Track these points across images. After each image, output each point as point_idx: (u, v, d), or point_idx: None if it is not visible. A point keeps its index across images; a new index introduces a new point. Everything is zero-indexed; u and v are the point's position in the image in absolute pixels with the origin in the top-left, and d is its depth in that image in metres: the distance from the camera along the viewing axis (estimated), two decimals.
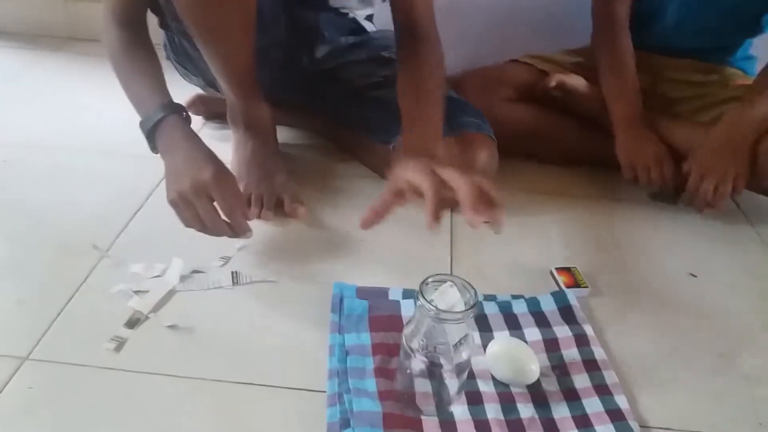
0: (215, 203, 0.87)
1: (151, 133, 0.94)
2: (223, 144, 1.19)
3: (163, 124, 0.93)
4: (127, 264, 0.92)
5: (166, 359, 0.78)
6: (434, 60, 1.05)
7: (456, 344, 0.68)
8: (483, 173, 0.99)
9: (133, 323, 0.83)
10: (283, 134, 1.25)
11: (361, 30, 1.24)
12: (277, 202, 1.06)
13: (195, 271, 0.92)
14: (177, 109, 0.95)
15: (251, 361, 0.79)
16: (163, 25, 1.07)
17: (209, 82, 1.16)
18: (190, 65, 1.16)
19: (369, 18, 1.29)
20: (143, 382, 0.75)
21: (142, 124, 0.95)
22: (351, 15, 1.25)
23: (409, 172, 0.84)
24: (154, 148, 0.96)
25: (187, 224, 0.89)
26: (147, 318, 0.84)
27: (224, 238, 0.89)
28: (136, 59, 1.00)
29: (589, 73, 1.28)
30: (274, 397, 0.74)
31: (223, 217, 0.88)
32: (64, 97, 1.45)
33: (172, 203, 0.89)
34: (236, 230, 0.89)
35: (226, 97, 1.12)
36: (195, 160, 0.89)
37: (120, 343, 0.80)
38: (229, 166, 1.10)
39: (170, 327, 0.82)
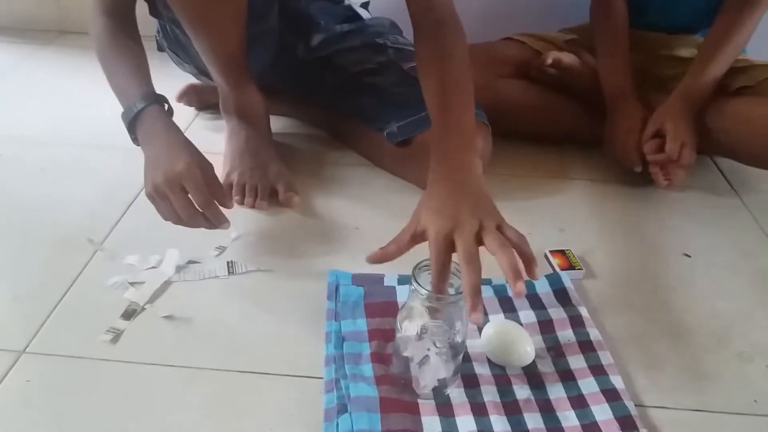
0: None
1: (132, 124, 0.93)
2: (217, 134, 1.19)
3: (143, 114, 0.91)
4: (122, 256, 0.92)
5: (162, 349, 0.78)
6: (459, 53, 0.94)
7: (450, 327, 0.68)
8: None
9: (129, 314, 0.83)
10: (277, 123, 1.25)
11: (357, 17, 1.24)
12: (271, 191, 1.06)
13: (191, 262, 0.92)
14: (158, 100, 0.94)
15: (248, 350, 0.79)
16: (153, 12, 1.06)
17: (201, 70, 1.16)
18: (182, 53, 1.15)
19: (365, 6, 1.28)
20: (140, 372, 0.76)
21: (123, 115, 0.94)
22: (346, 2, 1.24)
23: (432, 226, 0.74)
24: (134, 140, 0.95)
25: (165, 217, 0.87)
26: (143, 309, 0.84)
27: (220, 231, 0.89)
28: (121, 48, 0.99)
29: (583, 51, 1.28)
30: (271, 385, 0.75)
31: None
32: (56, 91, 1.44)
33: (149, 196, 0.87)
34: (212, 221, 0.86)
35: (218, 87, 1.12)
36: (170, 151, 0.87)
37: (116, 335, 0.80)
38: (222, 156, 1.10)
39: (166, 317, 0.83)
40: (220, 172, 1.00)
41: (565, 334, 0.81)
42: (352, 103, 1.18)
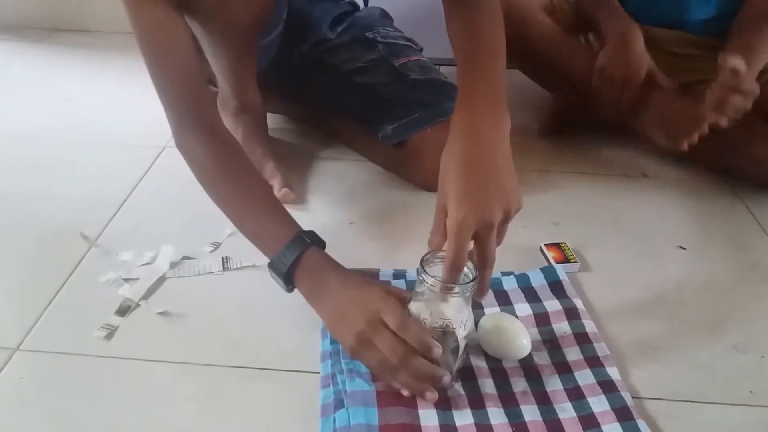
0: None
1: (289, 275, 0.77)
2: None
3: (302, 261, 0.76)
4: (116, 252, 0.92)
5: (157, 345, 0.78)
6: (492, 27, 0.82)
7: (456, 321, 0.68)
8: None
9: (123, 311, 0.82)
10: (272, 120, 1.24)
11: (352, 12, 1.23)
12: None
13: (185, 258, 0.92)
14: (312, 240, 0.78)
15: (243, 345, 0.79)
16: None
17: (206, 80, 1.14)
18: None
19: None
20: (135, 368, 0.75)
21: (273, 266, 0.78)
22: None
23: (455, 214, 0.69)
24: (290, 289, 0.79)
25: (377, 369, 0.71)
26: (138, 305, 0.84)
27: (215, 227, 0.87)
28: (241, 179, 0.83)
29: None
30: (267, 380, 0.75)
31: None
32: (49, 88, 1.44)
33: (353, 352, 0.71)
34: (428, 354, 0.68)
35: (221, 88, 1.11)
36: (356, 293, 0.74)
37: (111, 331, 0.79)
38: None
39: (161, 313, 0.82)
40: None
41: (561, 327, 0.81)
42: (344, 103, 1.17)
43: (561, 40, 1.24)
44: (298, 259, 0.76)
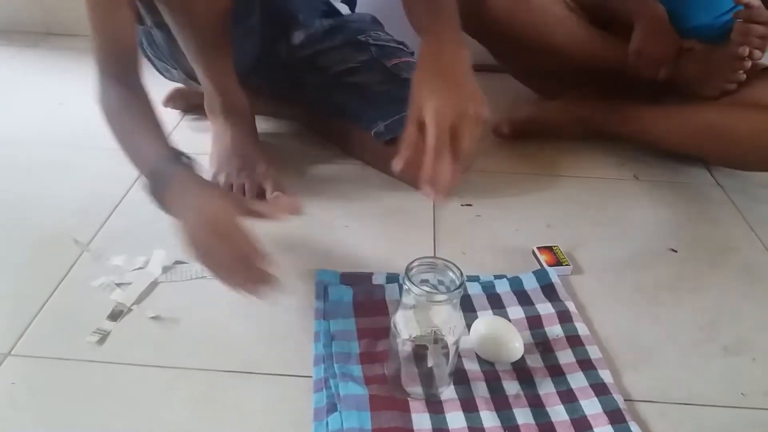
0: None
1: (159, 191, 0.82)
2: (203, 135, 1.18)
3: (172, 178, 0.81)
4: (108, 257, 0.92)
5: (149, 350, 0.78)
6: None
7: (445, 327, 0.68)
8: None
9: (116, 315, 0.82)
10: (262, 123, 1.24)
11: (335, 12, 1.23)
12: (259, 191, 1.05)
13: (177, 262, 0.92)
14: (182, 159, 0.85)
15: (236, 349, 0.79)
16: (136, 19, 1.06)
17: (188, 74, 1.15)
18: (167, 59, 1.15)
19: (346, 1, 1.28)
20: (127, 373, 0.75)
21: (147, 182, 0.84)
22: None
23: (430, 107, 0.79)
24: (163, 207, 0.84)
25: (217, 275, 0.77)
26: (130, 310, 0.83)
27: None
28: (137, 115, 0.90)
29: None
30: (260, 385, 0.74)
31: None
32: (41, 93, 1.43)
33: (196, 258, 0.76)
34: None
35: (204, 87, 1.11)
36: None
37: (103, 336, 0.79)
38: (208, 157, 1.10)
39: (153, 318, 0.82)
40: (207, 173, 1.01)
41: (554, 330, 0.81)
42: (336, 103, 1.17)
43: (579, 27, 1.27)
44: (159, 176, 0.81)
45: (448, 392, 0.73)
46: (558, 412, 0.71)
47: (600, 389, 0.73)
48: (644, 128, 1.22)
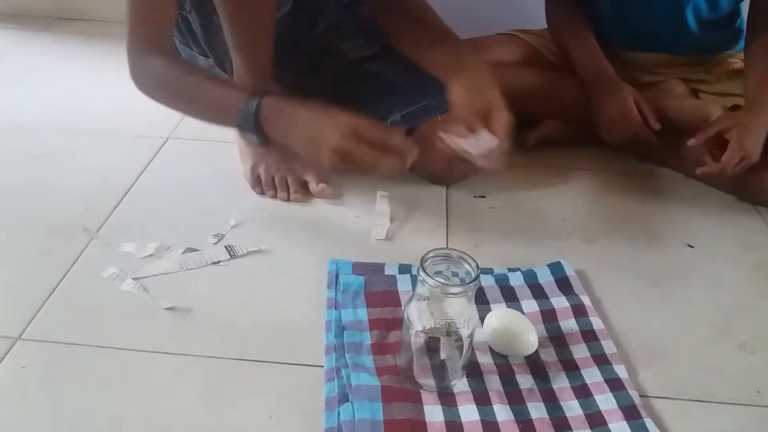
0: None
1: (256, 124, 0.88)
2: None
3: (262, 109, 0.87)
4: (118, 244, 0.91)
5: (160, 337, 0.78)
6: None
7: (459, 320, 0.67)
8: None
9: (127, 302, 0.82)
10: None
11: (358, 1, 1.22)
12: (301, 183, 1.05)
13: (189, 250, 0.91)
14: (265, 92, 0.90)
15: (248, 338, 0.78)
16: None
17: (219, 62, 1.13)
18: (197, 46, 1.13)
19: None
20: (138, 360, 0.75)
21: (240, 123, 0.89)
22: None
23: (476, 98, 0.91)
24: (261, 142, 0.91)
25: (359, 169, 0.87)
26: (140, 297, 0.83)
27: (218, 218, 0.86)
28: (193, 73, 0.95)
29: None
30: (272, 373, 0.74)
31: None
32: (51, 78, 1.43)
33: (331, 165, 0.86)
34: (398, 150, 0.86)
35: (239, 77, 1.09)
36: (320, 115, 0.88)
37: (115, 322, 0.79)
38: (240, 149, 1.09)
39: (165, 305, 0.82)
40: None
41: (568, 324, 0.80)
42: (353, 91, 1.16)
43: (547, 79, 1.23)
44: (258, 109, 0.86)
45: (460, 385, 0.72)
46: (572, 407, 0.70)
47: (615, 384, 0.72)
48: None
